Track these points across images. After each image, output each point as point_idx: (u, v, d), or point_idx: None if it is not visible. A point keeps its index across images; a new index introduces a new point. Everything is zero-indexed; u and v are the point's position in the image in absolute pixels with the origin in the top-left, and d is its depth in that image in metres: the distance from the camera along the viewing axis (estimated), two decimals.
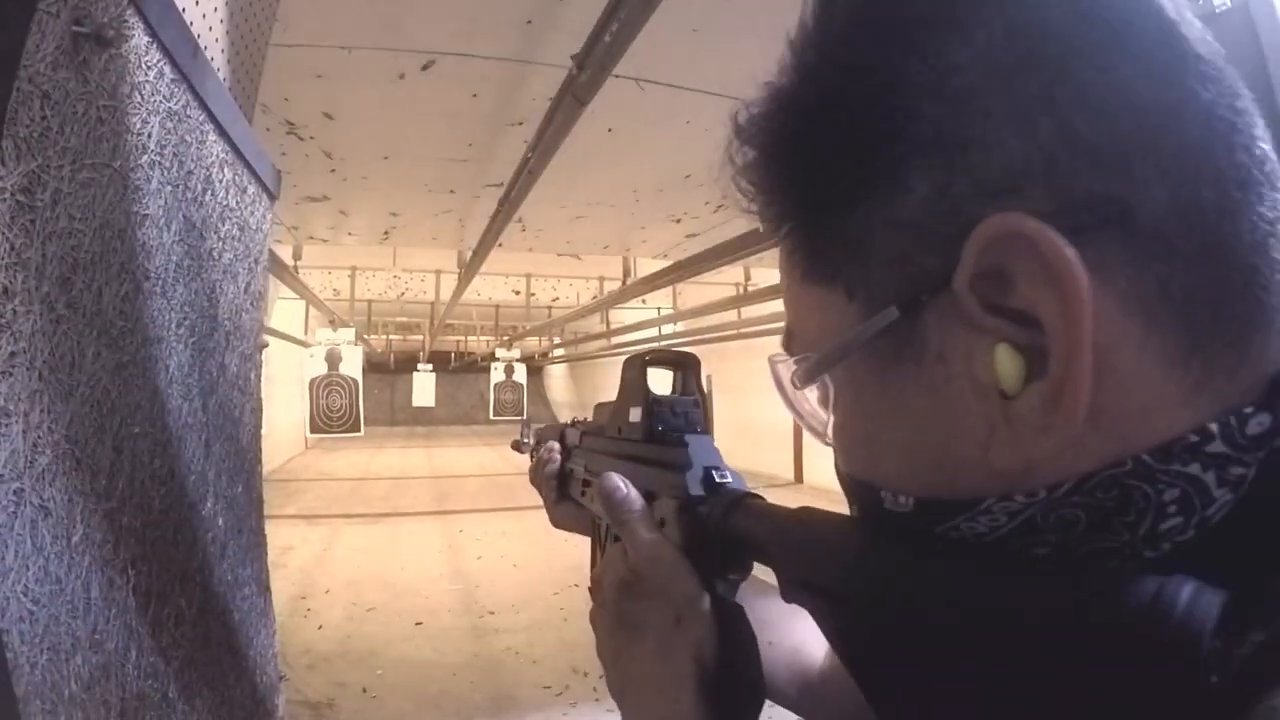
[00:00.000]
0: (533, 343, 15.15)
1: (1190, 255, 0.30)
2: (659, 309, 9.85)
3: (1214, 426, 0.30)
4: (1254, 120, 0.32)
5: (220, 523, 1.24)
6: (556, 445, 1.01)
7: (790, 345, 0.45)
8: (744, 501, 0.55)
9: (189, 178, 1.10)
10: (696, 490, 0.58)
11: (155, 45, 0.96)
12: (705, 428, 0.66)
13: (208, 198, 1.19)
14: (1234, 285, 0.31)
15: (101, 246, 0.84)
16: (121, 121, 0.89)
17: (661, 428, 0.67)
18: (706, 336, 9.06)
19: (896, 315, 0.35)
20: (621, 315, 10.16)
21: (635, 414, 0.70)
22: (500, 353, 11.17)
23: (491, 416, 10.78)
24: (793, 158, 0.39)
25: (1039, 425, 0.31)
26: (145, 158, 0.95)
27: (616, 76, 2.47)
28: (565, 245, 6.46)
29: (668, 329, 9.63)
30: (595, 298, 8.16)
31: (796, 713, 0.75)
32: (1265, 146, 0.32)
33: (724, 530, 0.54)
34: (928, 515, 0.36)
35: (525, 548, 7.07)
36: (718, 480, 0.59)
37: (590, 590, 0.69)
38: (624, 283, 6.91)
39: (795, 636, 0.74)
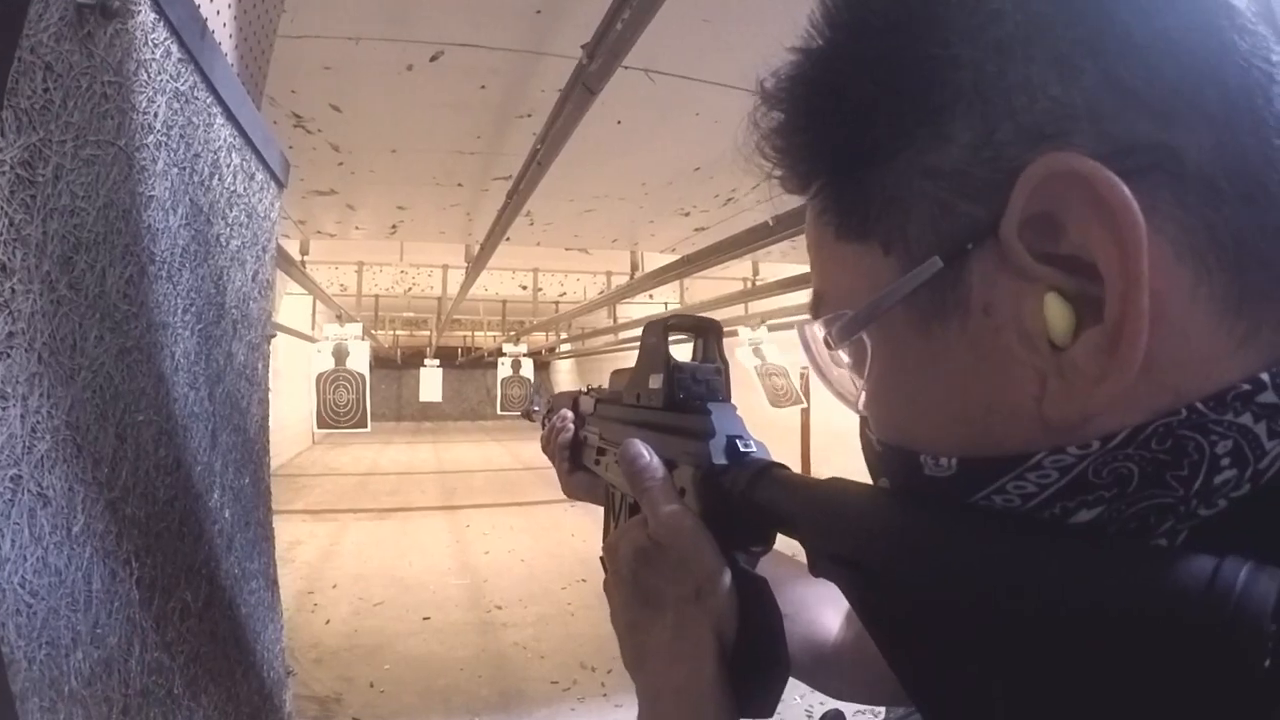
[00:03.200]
0: (540, 338, 15.17)
1: (1237, 202, 0.30)
2: (666, 303, 9.83)
3: (1265, 376, 0.29)
4: None
5: (227, 515, 1.21)
6: (570, 414, 0.99)
7: (818, 309, 0.44)
8: (769, 471, 0.54)
9: (196, 161, 1.08)
10: (719, 459, 0.58)
11: (162, 22, 0.93)
12: (727, 396, 0.65)
13: (215, 182, 1.17)
14: (1276, 233, 0.30)
15: (105, 227, 0.82)
16: (127, 99, 0.86)
17: (683, 395, 0.65)
18: (727, 330, 9.05)
19: (940, 265, 0.34)
20: (629, 310, 10.13)
21: (655, 380, 0.68)
22: (507, 348, 11.12)
23: (499, 411, 10.74)
24: (827, 112, 0.39)
25: (1094, 374, 0.31)
26: (151, 138, 0.92)
27: (626, 68, 2.45)
28: (573, 239, 6.44)
29: None
30: (602, 292, 8.14)
31: (810, 684, 0.74)
32: None
33: (748, 501, 0.53)
34: (972, 476, 0.35)
35: (533, 542, 7.06)
36: (742, 449, 0.58)
37: (603, 559, 0.68)
38: (631, 277, 6.87)
39: (810, 608, 0.74)
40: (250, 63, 1.58)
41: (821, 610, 0.75)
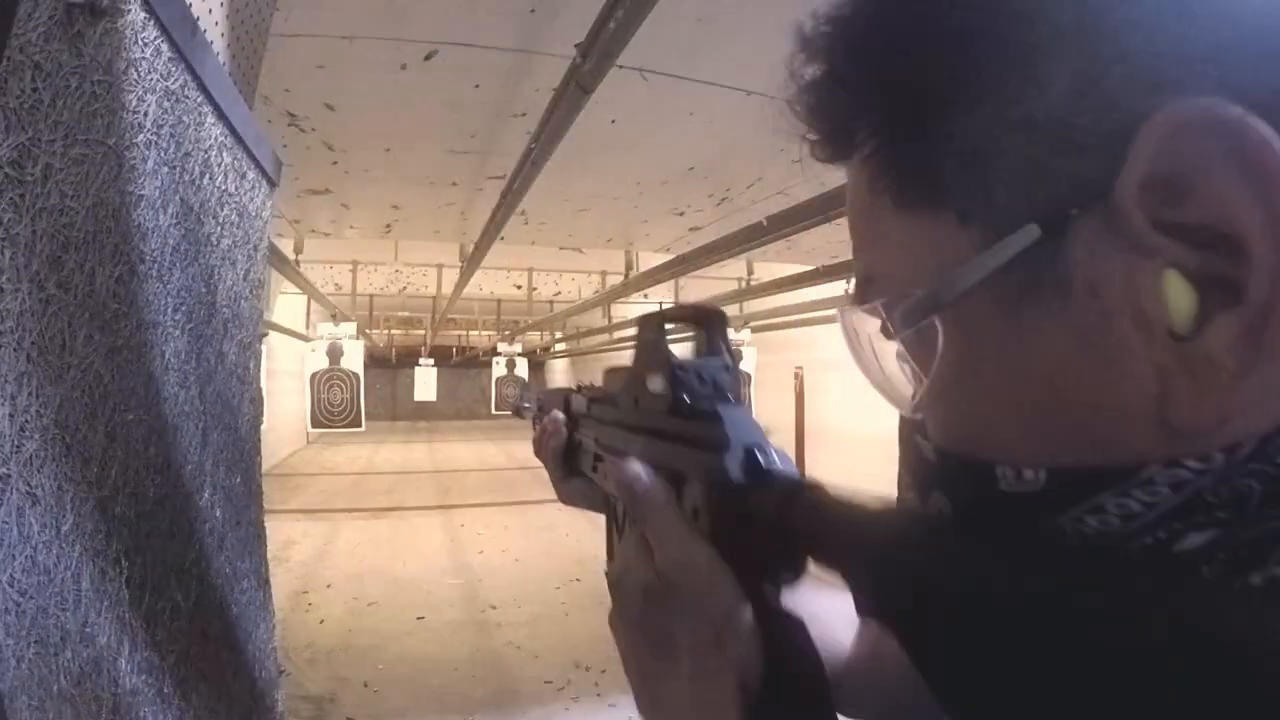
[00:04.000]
0: (534, 337, 15.16)
1: None
2: (660, 303, 9.83)
3: None
4: None
5: (218, 514, 1.21)
6: (561, 417, 0.90)
7: (867, 293, 0.38)
8: (804, 492, 0.44)
9: (186, 160, 1.07)
10: (737, 475, 0.48)
11: (152, 21, 0.93)
12: (739, 396, 0.56)
13: (206, 181, 1.17)
14: None
15: (95, 226, 0.81)
16: (116, 98, 0.86)
17: (689, 398, 0.55)
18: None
19: (1038, 234, 0.29)
20: (624, 310, 10.13)
21: (656, 382, 0.59)
22: (502, 347, 11.14)
23: (493, 411, 10.75)
24: (884, 56, 0.33)
25: (1233, 368, 0.26)
26: (141, 137, 0.92)
27: (620, 67, 2.45)
28: (567, 239, 6.44)
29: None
30: (597, 292, 8.14)
31: None
32: None
33: (781, 526, 0.44)
34: (1064, 491, 0.30)
35: (527, 542, 7.06)
36: (765, 465, 0.48)
37: (609, 588, 0.56)
38: (626, 277, 6.87)
39: (820, 622, 0.64)
40: (242, 61, 1.58)
41: (834, 624, 0.66)
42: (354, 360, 7.75)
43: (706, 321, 0.58)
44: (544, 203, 4.88)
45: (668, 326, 0.60)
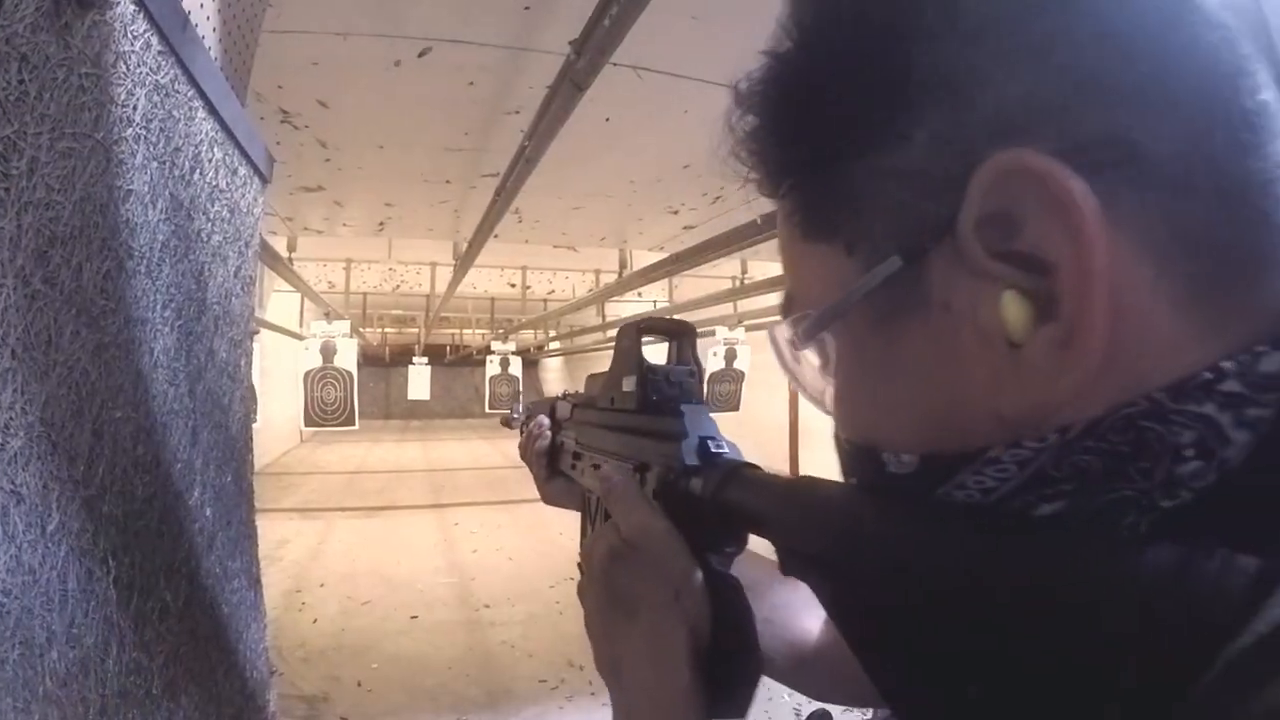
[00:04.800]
0: (528, 336, 15.15)
1: (1200, 195, 0.30)
2: (655, 302, 9.82)
3: (1227, 364, 0.29)
4: (1257, 67, 0.31)
5: (208, 513, 1.20)
6: (546, 420, 0.99)
7: (788, 310, 0.44)
8: (740, 472, 0.54)
9: (176, 155, 1.06)
10: (691, 461, 0.58)
11: (142, 14, 0.92)
12: (700, 398, 0.66)
13: (196, 177, 1.15)
14: (1244, 225, 0.30)
15: (82, 221, 0.80)
16: (105, 91, 0.85)
17: (656, 397, 0.66)
18: (703, 330, 9.05)
19: (900, 264, 0.34)
20: (618, 309, 10.13)
21: (629, 383, 0.69)
22: (496, 346, 11.11)
23: (487, 410, 10.73)
24: (795, 114, 0.39)
25: (1051, 370, 0.31)
26: (130, 131, 0.91)
27: (614, 65, 2.44)
28: (561, 237, 6.43)
29: None
30: (591, 290, 8.13)
31: (791, 686, 0.75)
32: (1268, 95, 0.31)
33: (718, 502, 0.54)
34: (932, 472, 0.36)
35: (520, 541, 7.05)
36: (713, 450, 0.58)
37: (579, 564, 0.68)
38: (620, 275, 6.87)
39: (789, 609, 0.74)
40: (234, 56, 1.57)
41: (801, 612, 0.75)
42: (347, 359, 7.71)
43: (678, 334, 0.69)
44: (538, 201, 4.87)
45: (645, 337, 0.69)
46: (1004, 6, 0.32)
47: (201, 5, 1.30)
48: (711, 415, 0.63)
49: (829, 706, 0.70)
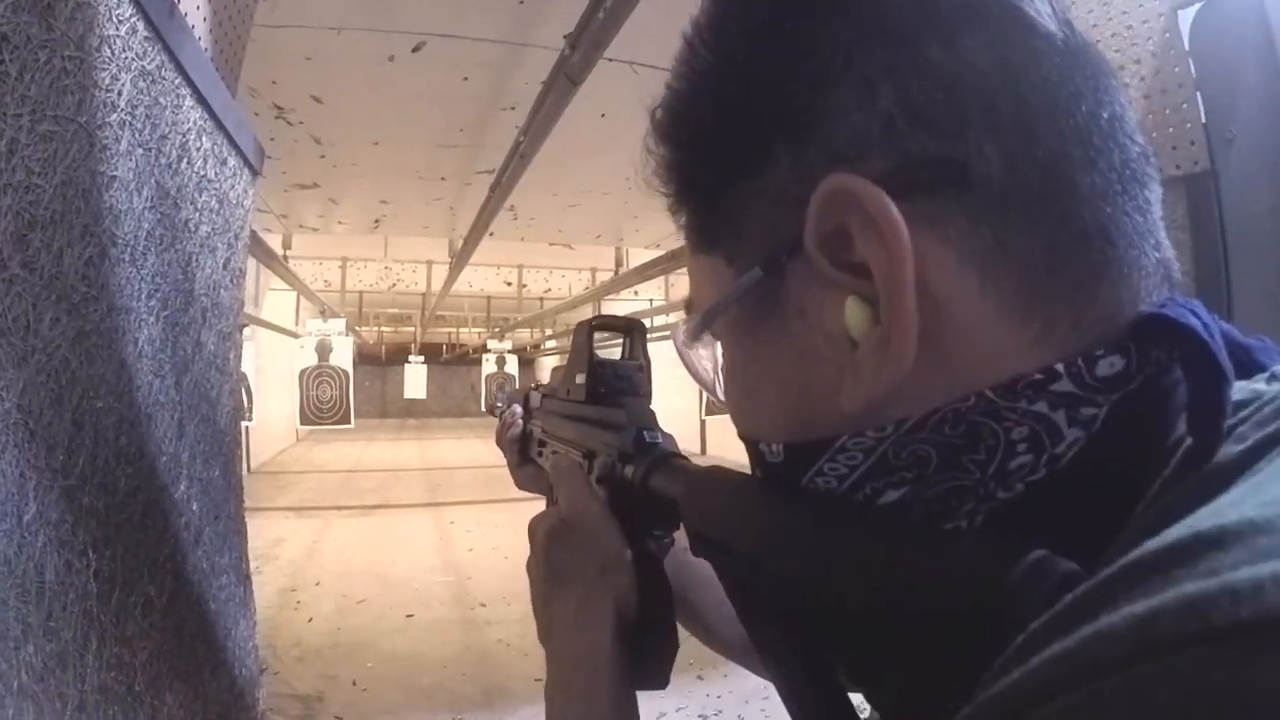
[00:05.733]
0: (524, 334, 15.15)
1: (1025, 209, 0.32)
2: (650, 300, 9.83)
3: (1060, 366, 0.32)
4: (1102, 86, 0.35)
5: (195, 507, 1.18)
6: (519, 409, 1.03)
7: (687, 312, 0.47)
8: (664, 461, 0.58)
9: (163, 142, 1.05)
10: (627, 449, 0.62)
11: None
12: (647, 393, 0.71)
13: (184, 166, 1.14)
14: (1072, 236, 0.33)
15: (63, 205, 0.79)
16: (89, 75, 0.83)
17: (604, 390, 0.71)
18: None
19: (760, 275, 0.38)
20: (614, 307, 10.13)
21: (581, 377, 0.74)
22: (492, 344, 11.12)
23: (483, 408, 10.73)
24: (683, 141, 0.42)
25: (875, 366, 0.33)
26: (114, 116, 0.89)
27: (610, 60, 2.43)
28: (557, 234, 6.42)
29: (659, 319, 9.61)
30: (587, 288, 8.12)
31: (744, 666, 0.76)
32: (1114, 109, 0.35)
33: (645, 487, 0.58)
34: (795, 460, 0.39)
35: (516, 540, 7.01)
36: (647, 440, 0.62)
37: (529, 537, 0.71)
38: (616, 273, 6.86)
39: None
40: (225, 46, 1.55)
41: None
42: (343, 357, 7.72)
43: (629, 330, 0.74)
44: (533, 198, 4.86)
45: (598, 334, 0.73)
46: (843, 47, 0.35)
47: None
48: (652, 408, 0.67)
49: None
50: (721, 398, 0.46)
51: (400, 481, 11.01)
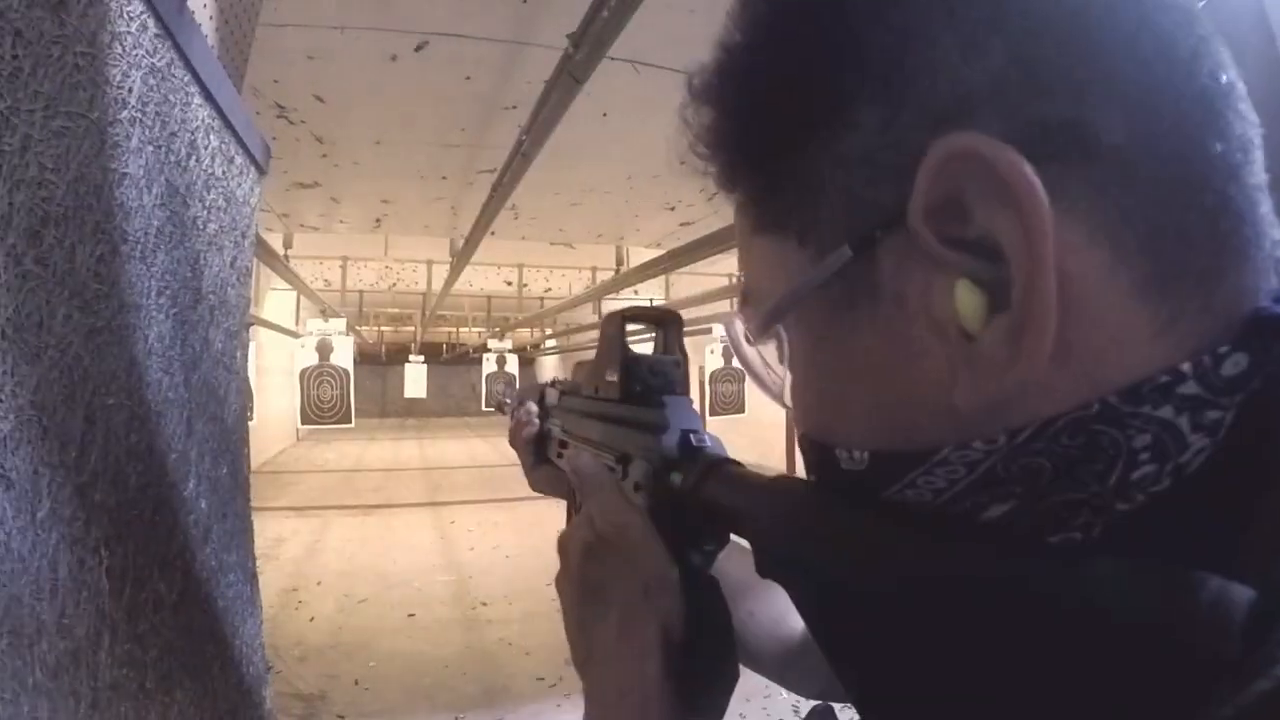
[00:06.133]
0: (525, 334, 15.15)
1: (1153, 182, 0.29)
2: (651, 299, 9.83)
3: (1186, 366, 0.28)
4: (1217, 48, 0.31)
5: (203, 505, 1.18)
6: (534, 408, 0.97)
7: (746, 302, 0.44)
8: (720, 468, 0.52)
9: (172, 140, 1.05)
10: (672, 454, 0.57)
11: None
12: (685, 390, 0.64)
13: (192, 163, 1.14)
14: (1202, 214, 0.29)
15: (75, 202, 0.79)
16: (100, 71, 0.83)
17: (639, 388, 0.64)
18: (699, 327, 9.04)
19: (849, 255, 0.33)
20: (614, 306, 10.14)
21: (612, 373, 0.67)
22: (492, 344, 11.11)
23: (483, 408, 10.73)
24: (742, 106, 0.39)
25: (1004, 361, 0.29)
26: (125, 113, 0.89)
27: (612, 59, 2.44)
28: (559, 233, 6.43)
29: None
30: (588, 288, 8.12)
31: (779, 683, 0.74)
32: (1230, 74, 0.31)
33: (697, 498, 0.52)
34: (882, 471, 0.35)
35: (517, 539, 7.04)
36: (695, 444, 0.56)
37: (558, 552, 0.65)
38: (617, 272, 6.87)
39: (778, 606, 0.72)
40: (231, 45, 1.55)
41: (789, 608, 0.70)
42: (344, 356, 7.71)
43: (664, 323, 0.67)
44: (535, 197, 4.87)
45: (630, 326, 0.68)
46: None
47: None
48: (694, 407, 0.62)
49: (830, 703, 0.70)
50: (788, 402, 0.42)
51: (401, 481, 11.03)
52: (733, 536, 0.52)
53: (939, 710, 0.32)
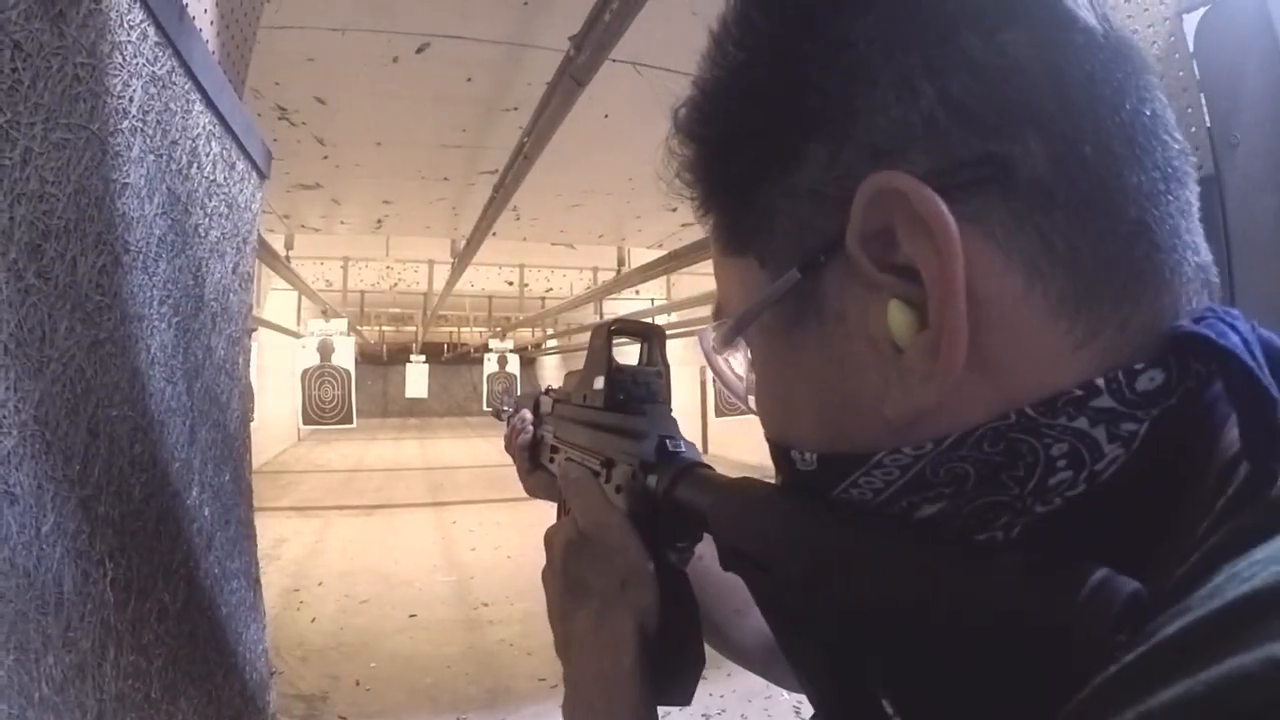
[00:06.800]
0: (526, 334, 15.15)
1: (1072, 208, 0.32)
2: (652, 299, 9.83)
3: (1100, 381, 0.31)
4: (1146, 83, 0.34)
5: (206, 513, 1.18)
6: (529, 415, 1.01)
7: (716, 316, 0.47)
8: (690, 471, 0.56)
9: (173, 148, 1.04)
10: (649, 458, 0.60)
11: (138, 4, 0.90)
12: (666, 399, 0.69)
13: (193, 171, 1.14)
14: (1119, 238, 0.32)
15: (76, 214, 0.78)
16: (100, 82, 0.83)
17: (623, 396, 0.69)
18: (700, 327, 9.06)
19: (798, 277, 0.37)
20: (615, 306, 10.13)
21: (599, 382, 0.71)
22: (493, 344, 11.13)
23: (484, 407, 10.74)
24: (712, 140, 0.42)
25: (924, 373, 0.33)
26: (126, 123, 0.89)
27: (614, 61, 2.43)
28: (560, 234, 6.42)
29: (661, 319, 9.60)
30: (589, 288, 8.12)
31: (765, 678, 0.77)
32: (1155, 106, 0.34)
33: (670, 498, 0.56)
34: (829, 471, 0.38)
35: (519, 539, 7.04)
36: (670, 449, 0.60)
37: (545, 548, 0.69)
38: (618, 273, 6.86)
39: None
40: (232, 50, 1.55)
41: None
42: (345, 357, 7.73)
43: (648, 336, 0.71)
44: (536, 198, 4.86)
45: (615, 339, 0.71)
46: (881, 42, 0.34)
47: None
48: (673, 415, 0.66)
49: None
50: (751, 406, 0.46)
51: (402, 481, 11.02)
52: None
53: (871, 684, 0.35)
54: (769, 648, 0.75)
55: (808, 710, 0.53)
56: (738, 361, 0.47)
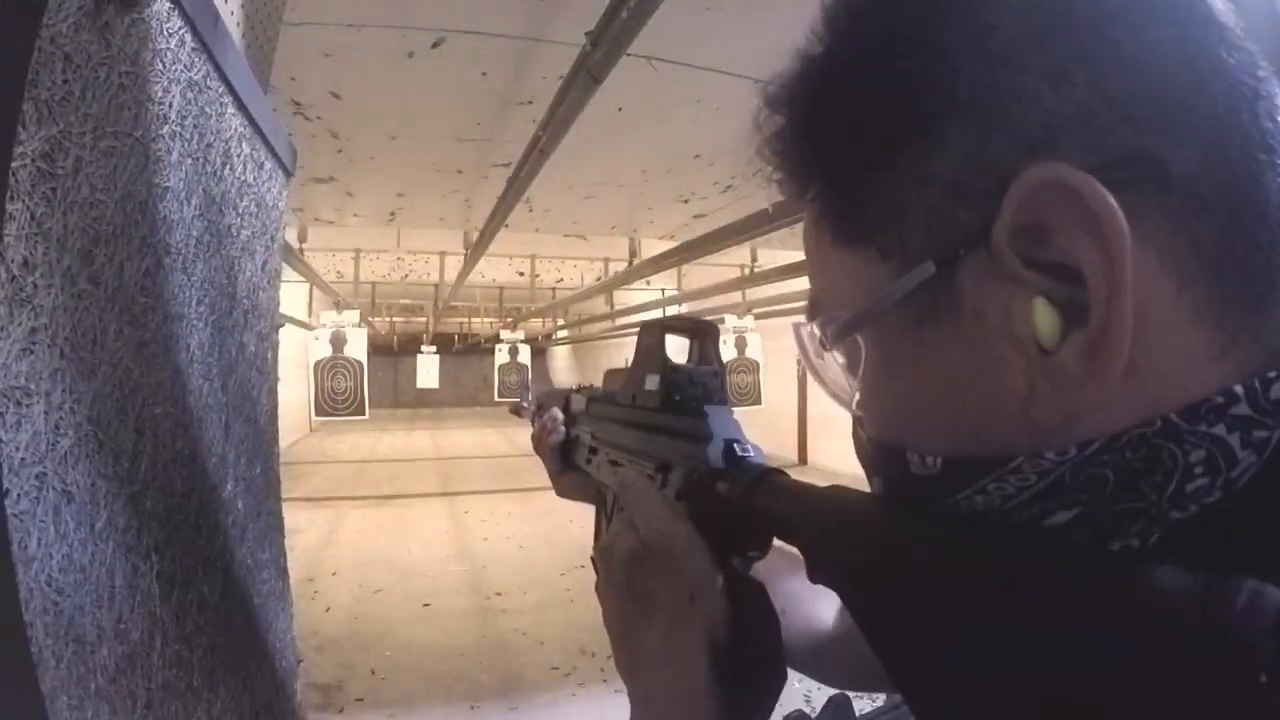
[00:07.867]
0: (537, 324, 15.15)
1: (1221, 213, 0.31)
2: (663, 290, 9.81)
3: (1239, 389, 0.30)
4: (1275, 89, 0.33)
5: (240, 506, 1.21)
6: (560, 414, 0.98)
7: (814, 312, 0.45)
8: (769, 477, 0.53)
9: (209, 151, 1.07)
10: (717, 463, 0.58)
11: (177, 11, 0.92)
12: (724, 399, 0.65)
13: (226, 172, 1.16)
14: (1259, 247, 0.32)
15: (123, 219, 0.81)
16: (143, 89, 0.85)
17: (679, 397, 0.65)
18: (713, 318, 9.04)
19: (933, 271, 0.35)
20: (626, 297, 10.12)
21: (652, 381, 0.68)
22: (504, 334, 11.12)
23: (496, 398, 10.74)
24: (827, 119, 0.40)
25: (1079, 377, 0.32)
26: (166, 128, 0.91)
27: (628, 55, 2.44)
28: (572, 226, 6.42)
29: (672, 310, 9.59)
30: (600, 279, 8.12)
31: (808, 675, 0.75)
32: None
33: (746, 507, 0.53)
34: (954, 476, 0.37)
35: (531, 529, 7.07)
36: (739, 454, 0.58)
37: (594, 561, 0.66)
38: (629, 264, 6.86)
39: (806, 602, 0.74)
40: (257, 51, 1.57)
41: (817, 602, 0.75)
42: (357, 348, 7.73)
43: (701, 333, 0.69)
44: (549, 190, 4.86)
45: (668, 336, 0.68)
46: (1027, 28, 0.33)
47: (227, 0, 1.30)
48: (735, 417, 0.62)
49: (847, 693, 0.71)
50: (856, 409, 0.44)
51: (414, 471, 11.06)
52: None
53: (996, 710, 0.33)
54: (815, 646, 0.74)
55: (817, 700, 0.55)
56: (835, 358, 0.44)
